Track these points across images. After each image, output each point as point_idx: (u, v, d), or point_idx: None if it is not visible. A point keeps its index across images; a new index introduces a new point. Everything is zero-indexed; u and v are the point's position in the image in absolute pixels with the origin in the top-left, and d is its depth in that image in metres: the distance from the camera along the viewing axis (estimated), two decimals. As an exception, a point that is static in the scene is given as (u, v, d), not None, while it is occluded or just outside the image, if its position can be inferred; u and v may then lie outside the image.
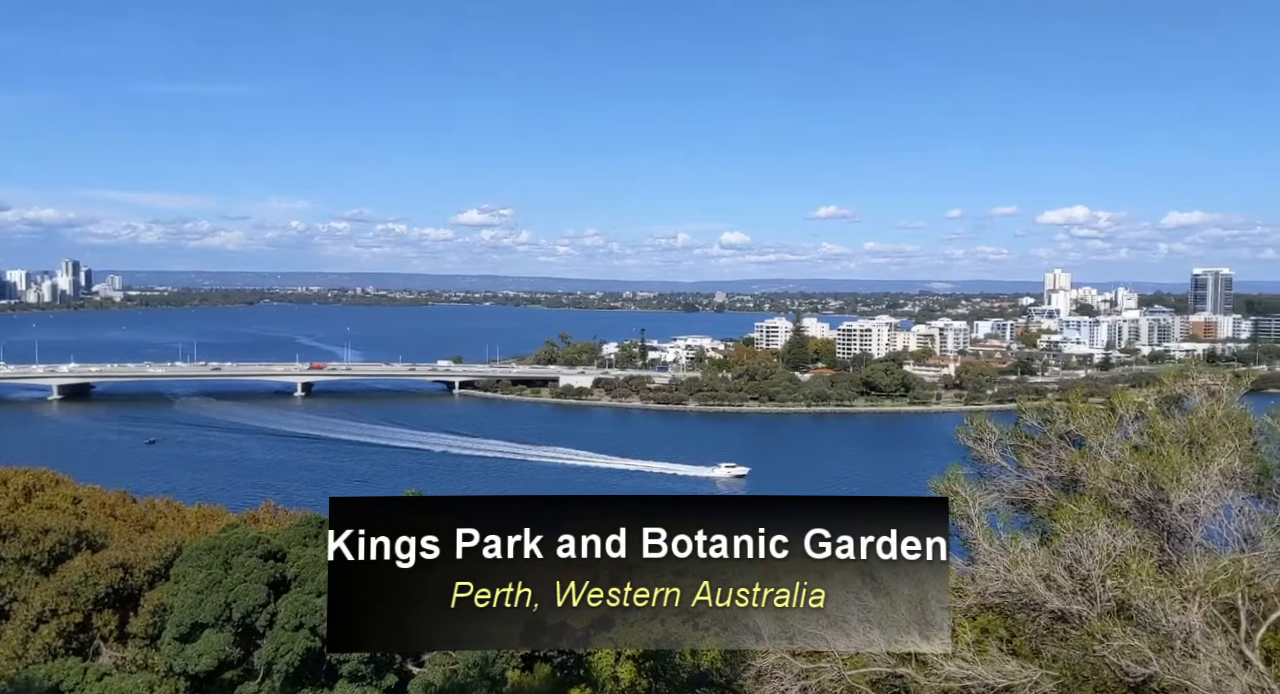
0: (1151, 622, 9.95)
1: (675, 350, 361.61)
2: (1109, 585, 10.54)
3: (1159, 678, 9.70)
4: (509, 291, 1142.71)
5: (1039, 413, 14.78)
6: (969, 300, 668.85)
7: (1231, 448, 11.52)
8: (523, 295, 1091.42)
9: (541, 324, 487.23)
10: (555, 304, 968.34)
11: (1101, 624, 10.14)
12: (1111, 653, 9.90)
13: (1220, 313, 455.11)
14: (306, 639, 30.87)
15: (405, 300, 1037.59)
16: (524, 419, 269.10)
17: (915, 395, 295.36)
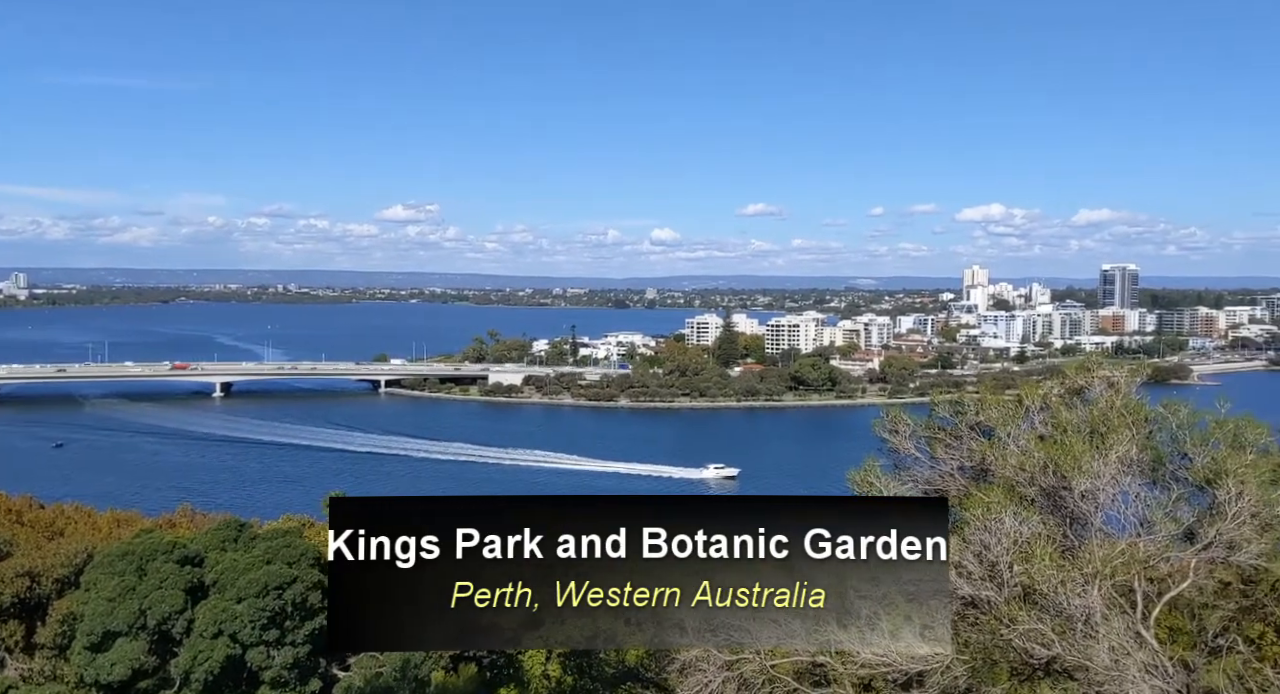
0: (1055, 605, 10.38)
1: (606, 347, 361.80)
2: (1016, 571, 10.95)
3: (1061, 659, 10.14)
4: (436, 289, 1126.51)
5: (951, 405, 15.23)
6: (892, 296, 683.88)
7: (1129, 437, 12.07)
8: (450, 292, 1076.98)
9: (470, 321, 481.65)
10: (484, 301, 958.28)
11: (1008, 608, 10.54)
12: (1017, 636, 10.31)
13: (1127, 307, 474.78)
14: (226, 646, 30.06)
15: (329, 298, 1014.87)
16: (453, 418, 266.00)
17: (842, 390, 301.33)
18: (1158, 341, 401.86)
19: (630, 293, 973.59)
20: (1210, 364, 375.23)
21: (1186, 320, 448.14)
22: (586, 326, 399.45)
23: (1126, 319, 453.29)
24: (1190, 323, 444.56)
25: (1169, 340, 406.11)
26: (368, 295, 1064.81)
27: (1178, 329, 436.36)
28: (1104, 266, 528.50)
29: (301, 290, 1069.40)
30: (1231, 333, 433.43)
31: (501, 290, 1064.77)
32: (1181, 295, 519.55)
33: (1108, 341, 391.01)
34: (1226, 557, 11.28)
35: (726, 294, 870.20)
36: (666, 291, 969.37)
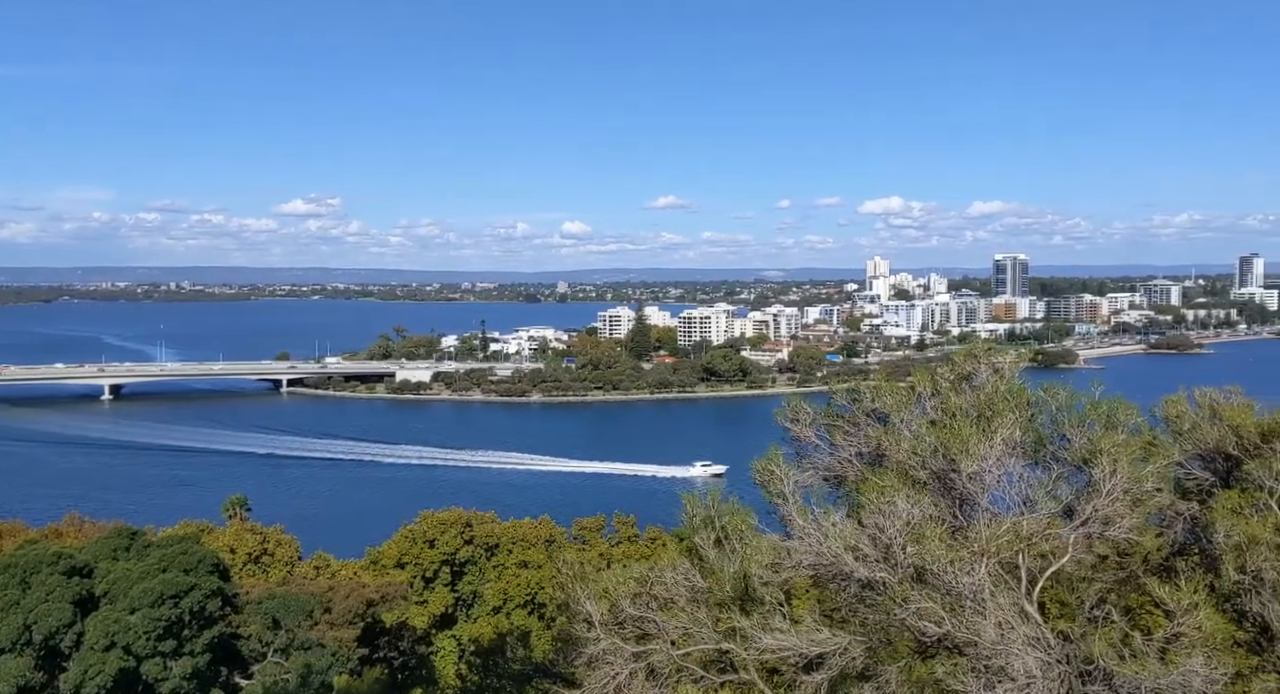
0: (945, 584, 10.77)
1: (518, 342, 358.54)
2: (909, 552, 11.32)
3: (952, 636, 10.54)
4: (339, 284, 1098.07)
5: (848, 393, 15.61)
6: (800, 287, 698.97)
7: (1012, 420, 12.60)
8: (354, 288, 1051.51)
9: (375, 317, 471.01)
10: (389, 296, 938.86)
11: (901, 589, 10.90)
12: (910, 616, 10.66)
13: (1018, 295, 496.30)
14: (119, 659, 28.73)
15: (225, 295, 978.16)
16: (359, 417, 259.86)
17: (753, 380, 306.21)
18: (1047, 328, 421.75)
19: (541, 287, 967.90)
20: (1095, 348, 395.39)
21: (1073, 307, 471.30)
22: (497, 321, 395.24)
23: (1018, 307, 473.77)
24: (1076, 309, 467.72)
25: (1057, 326, 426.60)
26: (267, 292, 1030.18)
27: (1065, 316, 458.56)
28: (996, 257, 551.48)
29: (196, 288, 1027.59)
30: (1114, 318, 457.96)
31: (408, 285, 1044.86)
32: (1068, 283, 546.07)
33: (1001, 329, 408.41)
34: (1103, 531, 11.90)
35: (638, 287, 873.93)
36: (578, 285, 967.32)
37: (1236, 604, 10.81)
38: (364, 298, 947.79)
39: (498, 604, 53.31)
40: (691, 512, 13.84)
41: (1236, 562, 10.62)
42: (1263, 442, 12.36)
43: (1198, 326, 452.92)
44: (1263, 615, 10.44)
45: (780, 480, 13.23)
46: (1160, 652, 10.05)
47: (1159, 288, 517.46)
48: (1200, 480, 13.28)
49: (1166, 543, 12.61)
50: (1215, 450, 13.06)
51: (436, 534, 55.93)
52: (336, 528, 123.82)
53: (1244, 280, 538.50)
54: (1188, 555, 12.41)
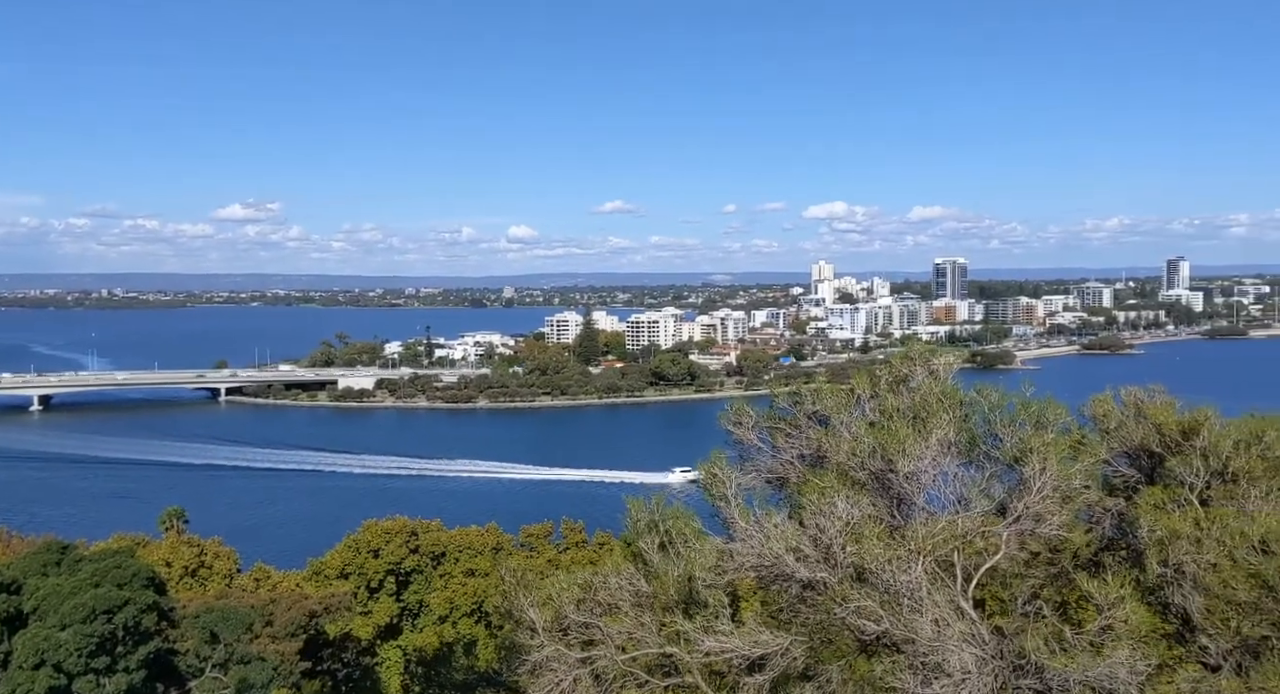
0: (883, 583, 10.97)
1: (464, 347, 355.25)
2: (848, 552, 11.50)
3: (890, 633, 10.73)
4: (279, 290, 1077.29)
5: (790, 396, 15.80)
6: (746, 291, 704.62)
7: (947, 420, 12.89)
8: (295, 294, 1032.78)
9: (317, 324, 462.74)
10: (331, 303, 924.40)
11: (841, 589, 11.06)
12: (849, 614, 10.83)
13: (958, 298, 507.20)
14: (49, 677, 27.74)
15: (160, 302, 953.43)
16: (300, 425, 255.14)
17: (701, 383, 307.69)
18: (985, 330, 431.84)
19: (487, 291, 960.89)
20: (1031, 350, 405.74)
21: (1010, 309, 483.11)
22: (442, 327, 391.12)
23: (958, 309, 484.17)
24: (1013, 312, 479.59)
25: (995, 328, 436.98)
26: (204, 299, 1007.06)
27: (1002, 318, 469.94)
28: (936, 260, 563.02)
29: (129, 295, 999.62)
30: (1049, 320, 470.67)
31: (350, 291, 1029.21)
32: (1005, 286, 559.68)
33: (941, 331, 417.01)
34: (1034, 528, 12.22)
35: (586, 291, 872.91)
36: (525, 290, 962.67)
37: (1160, 597, 11.19)
38: (305, 304, 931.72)
39: (444, 613, 52.72)
40: (635, 516, 13.87)
41: (1159, 556, 11.00)
42: (1184, 439, 12.82)
43: (1128, 327, 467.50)
44: (1184, 607, 10.82)
45: (723, 483, 13.34)
46: (1089, 645, 10.34)
47: (1091, 290, 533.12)
48: (1126, 477, 13.72)
49: (1095, 539, 13.00)
50: (1140, 448, 13.51)
51: (381, 543, 55.11)
52: (277, 539, 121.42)
53: (1171, 282, 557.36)
54: (1115, 550, 12.80)
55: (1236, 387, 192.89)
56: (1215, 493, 12.18)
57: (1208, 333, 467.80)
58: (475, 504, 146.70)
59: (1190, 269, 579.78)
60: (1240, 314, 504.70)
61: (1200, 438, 12.55)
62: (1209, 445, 12.42)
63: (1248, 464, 12.12)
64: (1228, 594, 10.32)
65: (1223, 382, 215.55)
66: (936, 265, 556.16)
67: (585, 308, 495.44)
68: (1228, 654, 10.60)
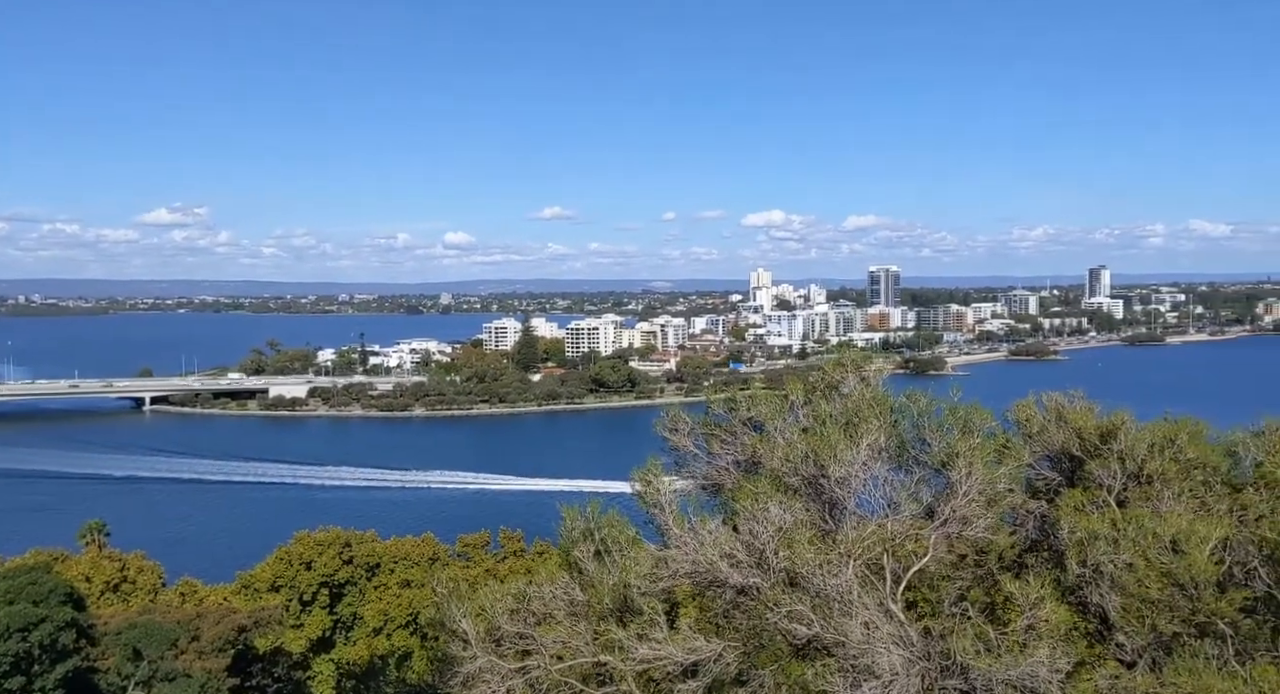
0: (814, 587, 11.10)
1: (399, 355, 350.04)
2: (781, 557, 11.61)
3: (821, 637, 10.86)
4: (207, 297, 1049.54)
5: (725, 403, 15.91)
6: (686, 298, 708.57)
7: (877, 426, 13.12)
8: (224, 300, 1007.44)
9: (247, 331, 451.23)
10: (262, 309, 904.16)
11: (773, 593, 11.16)
12: (780, 619, 10.93)
13: (891, 305, 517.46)
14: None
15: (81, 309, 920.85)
16: (230, 434, 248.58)
17: (641, 390, 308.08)
18: (918, 336, 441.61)
19: (423, 298, 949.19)
20: (962, 356, 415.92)
21: (941, 316, 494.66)
22: (377, 334, 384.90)
23: (891, 316, 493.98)
24: (944, 319, 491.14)
25: (927, 335, 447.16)
26: (127, 306, 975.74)
27: (934, 325, 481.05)
28: (871, 268, 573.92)
29: (48, 301, 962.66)
30: (978, 327, 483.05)
31: (282, 298, 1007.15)
32: (936, 294, 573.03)
33: (876, 337, 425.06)
34: (961, 531, 12.50)
35: (525, 298, 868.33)
36: (462, 296, 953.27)
37: (1080, 596, 11.52)
38: (234, 311, 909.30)
39: (378, 625, 51.85)
40: (570, 525, 13.81)
41: (1079, 556, 11.33)
42: (1102, 442, 13.25)
43: (1054, 334, 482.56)
44: (1102, 606, 11.16)
45: (657, 490, 13.37)
46: (1011, 645, 10.60)
47: (1018, 298, 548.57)
48: (1048, 480, 14.12)
49: (1019, 540, 13.33)
50: (1061, 451, 13.92)
51: (314, 555, 53.98)
52: (205, 552, 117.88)
53: (1093, 290, 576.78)
54: (1038, 552, 13.14)
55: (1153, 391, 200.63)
56: (1131, 494, 12.61)
57: (1128, 339, 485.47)
58: (411, 514, 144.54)
59: (1111, 278, 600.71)
60: (1158, 321, 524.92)
61: (1117, 441, 12.99)
62: (1125, 449, 12.86)
63: (1161, 466, 12.58)
64: (1142, 593, 10.69)
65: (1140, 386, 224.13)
66: (871, 273, 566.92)
67: (524, 315, 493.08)
68: (1142, 651, 10.97)
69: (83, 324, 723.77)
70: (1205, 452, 12.83)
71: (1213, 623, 10.48)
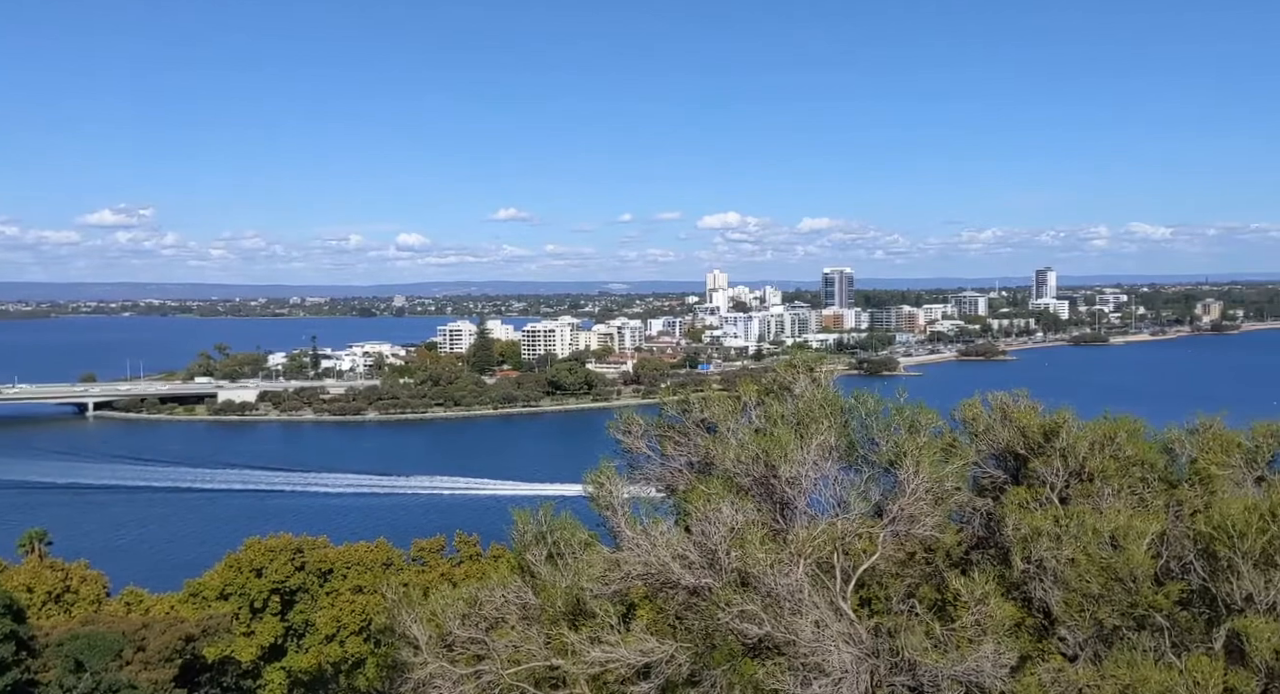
0: (765, 586, 11.18)
1: (352, 358, 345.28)
2: (732, 557, 11.68)
3: (772, 636, 10.94)
4: (153, 300, 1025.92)
5: (679, 404, 15.97)
6: (643, 300, 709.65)
7: (827, 426, 13.27)
8: (170, 304, 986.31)
9: (195, 335, 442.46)
10: (210, 313, 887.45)
11: (725, 593, 11.22)
12: (732, 619, 11.00)
13: (845, 307, 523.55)
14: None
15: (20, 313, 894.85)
16: (177, 439, 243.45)
17: (598, 392, 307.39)
18: (871, 337, 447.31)
19: (377, 300, 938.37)
20: (914, 356, 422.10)
21: (894, 317, 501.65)
22: (329, 337, 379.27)
23: (845, 318, 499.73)
24: (896, 320, 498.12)
25: (880, 336, 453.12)
26: (70, 309, 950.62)
27: (887, 326, 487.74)
28: (825, 270, 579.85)
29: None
30: (929, 328, 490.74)
31: (231, 300, 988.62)
32: (889, 295, 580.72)
33: (830, 339, 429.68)
34: (909, 529, 12.69)
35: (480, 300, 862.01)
36: (416, 299, 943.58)
37: (1025, 592, 11.77)
38: (182, 314, 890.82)
39: (331, 632, 51.10)
40: (522, 528, 13.75)
41: (1023, 552, 11.58)
42: (1045, 440, 13.55)
43: (1002, 335, 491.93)
44: (1046, 601, 11.42)
45: (609, 493, 13.37)
46: (957, 641, 10.79)
47: (968, 299, 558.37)
48: (994, 478, 14.40)
49: (966, 537, 13.59)
50: (1006, 450, 14.21)
51: (264, 562, 53.04)
52: (151, 560, 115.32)
53: (1040, 292, 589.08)
54: (984, 548, 13.40)
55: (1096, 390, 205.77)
56: (1073, 491, 12.92)
57: (1074, 339, 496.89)
58: (365, 519, 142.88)
59: (1057, 279, 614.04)
60: (1101, 322, 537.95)
61: (1060, 440, 13.30)
62: (1067, 447, 13.16)
63: (1102, 464, 12.90)
64: (1083, 587, 10.95)
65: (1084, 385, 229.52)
66: (825, 275, 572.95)
67: (479, 317, 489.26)
68: (1084, 644, 11.24)
69: (23, 328, 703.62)
70: (1143, 449, 13.19)
71: (1150, 616, 10.77)
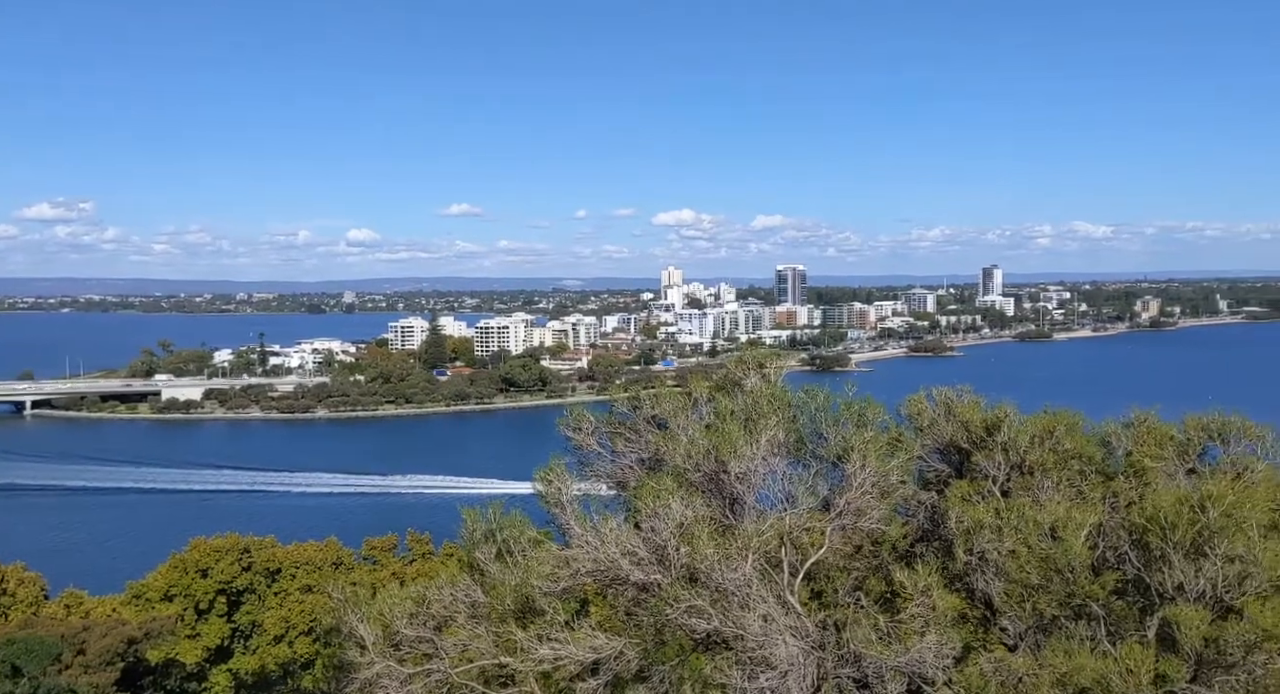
0: (714, 582, 11.25)
1: (301, 355, 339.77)
2: (681, 553, 11.73)
3: (720, 631, 11.02)
4: (94, 296, 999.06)
5: (630, 401, 15.97)
6: (598, 296, 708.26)
7: (776, 421, 13.39)
8: (112, 300, 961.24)
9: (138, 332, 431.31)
10: (154, 309, 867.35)
11: (673, 589, 11.27)
12: (679, 614, 11.05)
13: (798, 304, 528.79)
14: None
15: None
16: (119, 438, 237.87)
17: (552, 389, 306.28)
18: (824, 334, 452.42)
19: (326, 297, 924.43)
20: (865, 352, 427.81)
21: (845, 314, 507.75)
22: (277, 334, 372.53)
23: (798, 314, 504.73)
24: (848, 317, 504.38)
25: (832, 332, 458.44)
26: (6, 305, 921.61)
27: (839, 322, 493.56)
28: (778, 267, 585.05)
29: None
30: (880, 324, 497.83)
31: (175, 296, 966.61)
32: (841, 292, 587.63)
33: (784, 335, 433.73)
34: (855, 523, 12.87)
35: (432, 296, 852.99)
36: (366, 295, 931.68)
37: (967, 583, 12.01)
38: (124, 310, 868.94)
39: (279, 633, 50.36)
40: (471, 526, 13.66)
41: (966, 545, 11.82)
42: (988, 435, 13.82)
43: (950, 331, 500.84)
44: (988, 592, 11.66)
45: (559, 490, 13.34)
46: (904, 633, 10.96)
47: (917, 296, 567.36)
48: (938, 471, 14.65)
49: (911, 530, 13.82)
50: (950, 444, 14.47)
51: (210, 562, 52.06)
52: (92, 562, 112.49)
53: (986, 289, 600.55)
54: (929, 541, 13.63)
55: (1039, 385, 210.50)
56: (1014, 484, 13.20)
57: (1019, 336, 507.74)
58: (315, 518, 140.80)
59: (1003, 277, 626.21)
60: (1045, 318, 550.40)
61: (1001, 433, 13.57)
62: (1009, 440, 13.45)
63: (1041, 457, 13.21)
64: (1024, 578, 11.21)
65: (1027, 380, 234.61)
66: (779, 272, 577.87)
67: (431, 313, 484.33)
68: (1024, 634, 11.50)
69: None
70: (1081, 442, 13.52)
71: (1087, 605, 11.05)
